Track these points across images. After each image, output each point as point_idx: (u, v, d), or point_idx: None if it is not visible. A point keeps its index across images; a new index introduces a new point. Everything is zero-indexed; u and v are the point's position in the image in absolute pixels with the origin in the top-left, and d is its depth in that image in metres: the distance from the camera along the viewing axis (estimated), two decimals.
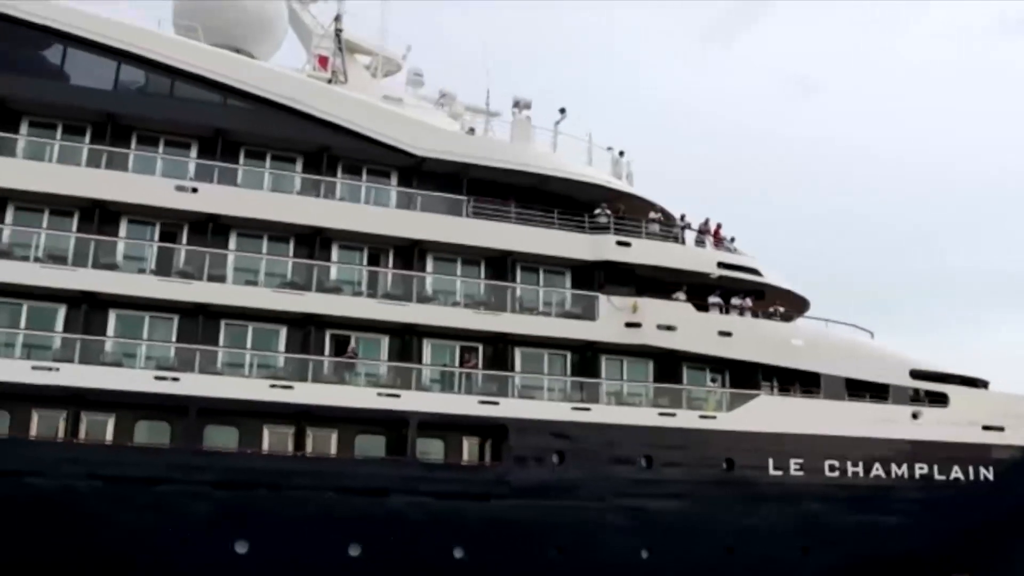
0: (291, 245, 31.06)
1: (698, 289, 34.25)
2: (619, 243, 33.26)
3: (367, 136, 31.82)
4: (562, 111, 34.81)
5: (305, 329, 30.16)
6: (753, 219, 70.28)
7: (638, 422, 31.60)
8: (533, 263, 33.17)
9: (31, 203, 29.13)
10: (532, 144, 34.44)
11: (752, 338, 33.97)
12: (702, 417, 32.46)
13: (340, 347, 30.55)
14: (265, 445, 28.87)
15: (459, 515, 29.05)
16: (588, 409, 31.30)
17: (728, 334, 33.58)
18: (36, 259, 28.46)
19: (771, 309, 35.82)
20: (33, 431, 27.41)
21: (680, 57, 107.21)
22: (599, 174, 35.05)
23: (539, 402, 31.35)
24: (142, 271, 29.39)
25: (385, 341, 31.12)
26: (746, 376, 34.01)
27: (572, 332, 32.34)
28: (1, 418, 27.20)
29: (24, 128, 30.06)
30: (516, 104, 34.90)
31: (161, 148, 30.97)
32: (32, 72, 30.28)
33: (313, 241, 30.85)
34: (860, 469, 33.51)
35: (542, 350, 32.61)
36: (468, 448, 30.83)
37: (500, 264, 32.62)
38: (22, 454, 26.58)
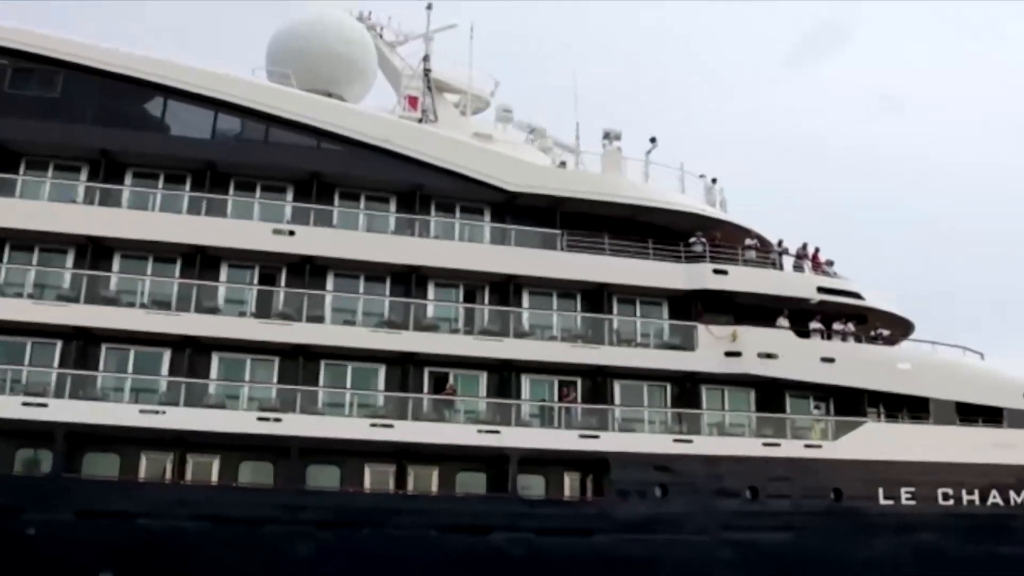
0: (387, 284, 31.34)
1: (798, 315, 33.55)
2: (716, 271, 32.80)
3: (460, 173, 32.03)
4: (652, 140, 34.63)
5: (403, 367, 30.29)
6: (850, 239, 68.77)
7: (742, 453, 30.96)
8: (629, 294, 32.82)
9: (136, 251, 30.00)
10: (624, 175, 34.27)
11: (856, 363, 33.11)
12: (807, 446, 31.67)
13: (439, 384, 30.62)
14: (367, 483, 29.05)
15: (562, 551, 28.71)
16: (690, 441, 30.80)
17: (831, 360, 32.79)
18: (142, 305, 29.31)
19: (874, 333, 34.93)
20: (142, 473, 28.07)
21: (766, 76, 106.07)
22: (693, 202, 34.73)
23: (640, 435, 31.03)
24: (243, 314, 29.91)
25: (483, 377, 31.11)
26: (851, 403, 33.14)
27: (671, 363, 31.96)
28: (111, 461, 27.93)
29: (128, 179, 31.05)
30: (606, 135, 34.83)
31: (258, 193, 31.65)
32: (135, 125, 31.39)
33: (409, 279, 31.05)
34: (976, 497, 32.34)
35: (641, 382, 32.24)
36: (569, 483, 30.58)
37: (596, 297, 32.39)
38: (132, 496, 27.18)
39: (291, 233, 30.17)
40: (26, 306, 28.45)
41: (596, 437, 30.07)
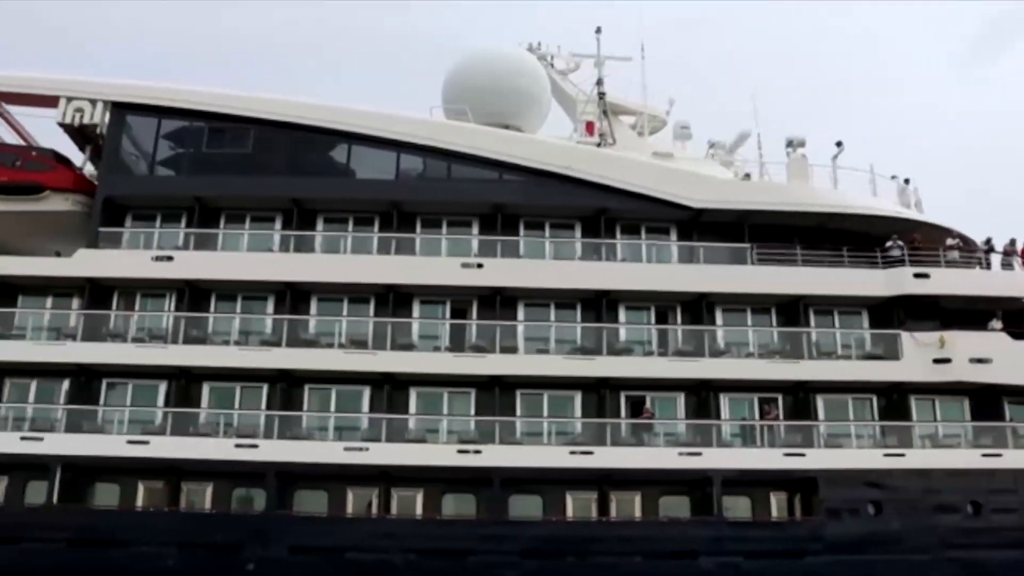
0: (578, 310, 31.22)
1: (1012, 316, 31.51)
2: (917, 275, 31.20)
3: (643, 194, 31.70)
4: (839, 144, 33.40)
5: (599, 392, 30.05)
6: None
7: (960, 465, 29.16)
8: (826, 305, 31.65)
9: (332, 293, 31.01)
10: (811, 182, 33.16)
11: None
12: None
13: (636, 408, 30.21)
14: (569, 511, 28.84)
15: (772, 575, 27.74)
16: (902, 455, 29.25)
17: None
18: (340, 345, 30.14)
19: None
20: (349, 509, 28.80)
21: (939, 76, 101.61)
22: (887, 205, 33.23)
23: (849, 451, 29.66)
24: (437, 349, 30.43)
25: (681, 399, 30.49)
26: None
27: (876, 374, 30.51)
28: (320, 497, 28.74)
29: (320, 224, 32.17)
30: (789, 143, 33.77)
31: (444, 228, 32.24)
32: (323, 172, 32.63)
33: (599, 304, 30.88)
34: None
35: (845, 395, 30.89)
36: (776, 503, 29.49)
37: (792, 310, 31.37)
38: (342, 531, 27.91)
39: (479, 266, 30.53)
40: (233, 352, 29.81)
41: (802, 455, 28.97)
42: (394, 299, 30.66)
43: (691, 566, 27.50)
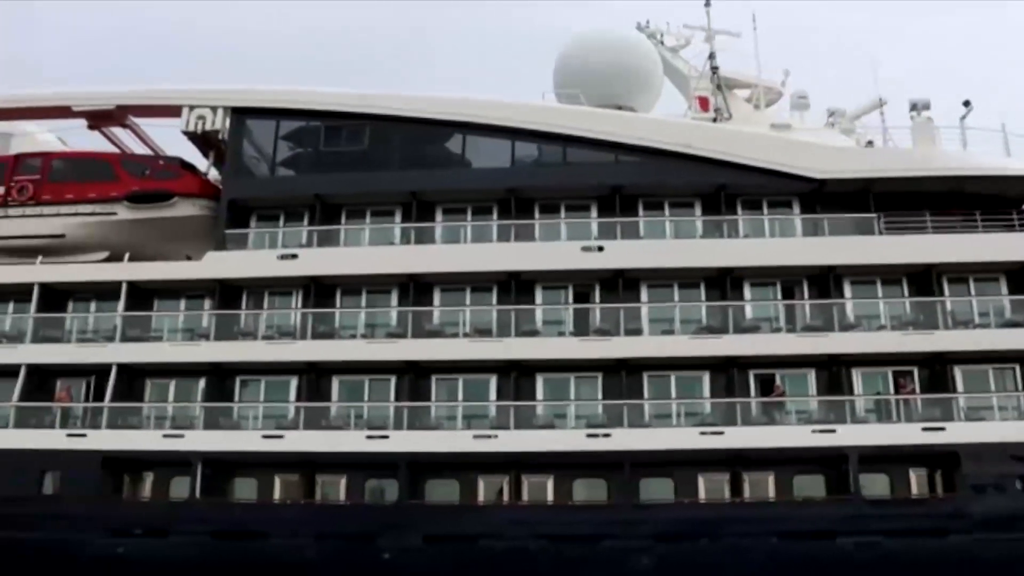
0: (702, 289, 30.81)
1: None
2: None
3: (763, 168, 30.96)
4: (966, 104, 31.89)
5: (727, 372, 29.58)
6: None
7: None
8: (961, 273, 30.43)
9: (454, 283, 31.26)
10: (939, 146, 31.97)
11: None
12: None
13: (765, 386, 29.62)
14: (701, 493, 28.49)
15: (914, 554, 26.69)
16: None
17: None
18: (465, 335, 30.35)
19: None
20: (480, 497, 28.99)
21: None
22: (1022, 165, 31.80)
23: (992, 423, 28.40)
24: (561, 334, 30.39)
25: (811, 375, 29.74)
26: None
27: (1018, 342, 29.18)
28: (451, 486, 29.05)
29: (439, 215, 32.45)
30: (913, 106, 32.49)
31: (563, 213, 32.14)
32: (439, 164, 32.91)
33: (723, 282, 30.37)
34: None
35: (985, 366, 29.60)
36: (916, 480, 28.50)
37: (924, 279, 30.26)
38: (474, 519, 28.16)
39: (600, 249, 30.33)
40: (360, 346, 30.32)
41: (942, 429, 27.92)
42: (516, 286, 30.74)
43: (829, 547, 26.78)
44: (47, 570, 28.10)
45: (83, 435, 30.00)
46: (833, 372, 29.54)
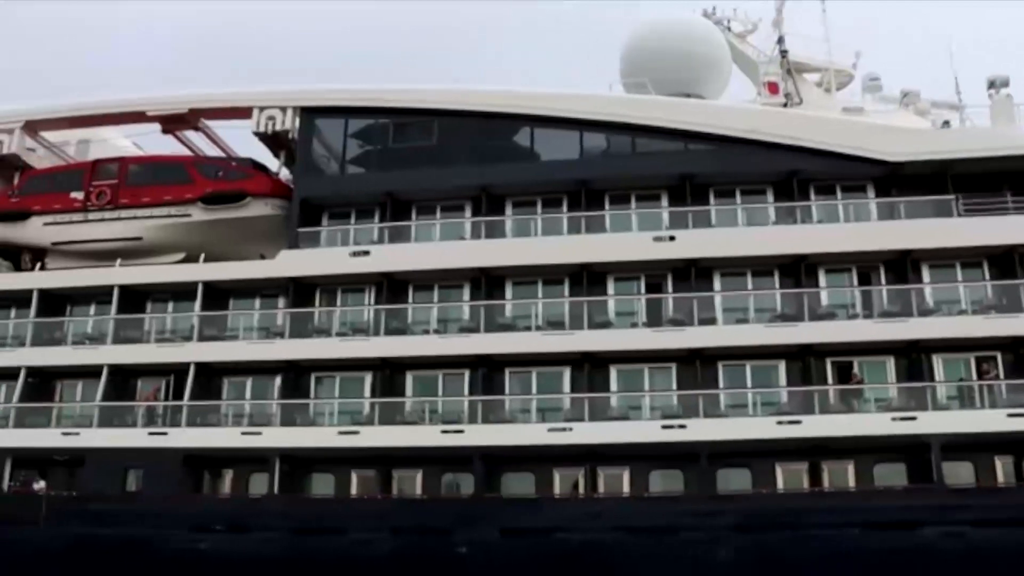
0: (776, 277, 30.36)
1: None
2: None
3: (836, 152, 30.35)
4: None
5: (804, 360, 29.14)
6: None
7: None
8: None
9: (525, 276, 31.25)
10: (1019, 124, 31.09)
11: None
12: None
13: (843, 374, 29.13)
14: (780, 484, 28.16)
15: (1001, 545, 25.84)
16: None
17: None
18: (537, 328, 30.33)
19: None
20: (556, 489, 28.98)
21: None
22: None
23: None
24: (634, 325, 30.17)
25: (890, 362, 29.14)
26: None
27: None
28: (526, 479, 29.13)
29: (508, 209, 32.42)
30: (991, 84, 31.60)
31: (633, 203, 31.92)
32: (508, 157, 32.88)
33: (798, 269, 29.88)
34: None
35: None
36: (1001, 467, 27.78)
37: (1005, 261, 29.40)
38: (550, 512, 28.11)
39: (671, 239, 30.06)
40: (433, 341, 30.52)
41: None
42: (588, 278, 30.56)
43: (913, 537, 26.07)
44: (133, 565, 28.68)
45: (164, 433, 30.62)
46: (913, 359, 28.92)
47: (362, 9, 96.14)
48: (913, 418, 27.40)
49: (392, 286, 31.72)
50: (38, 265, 34.92)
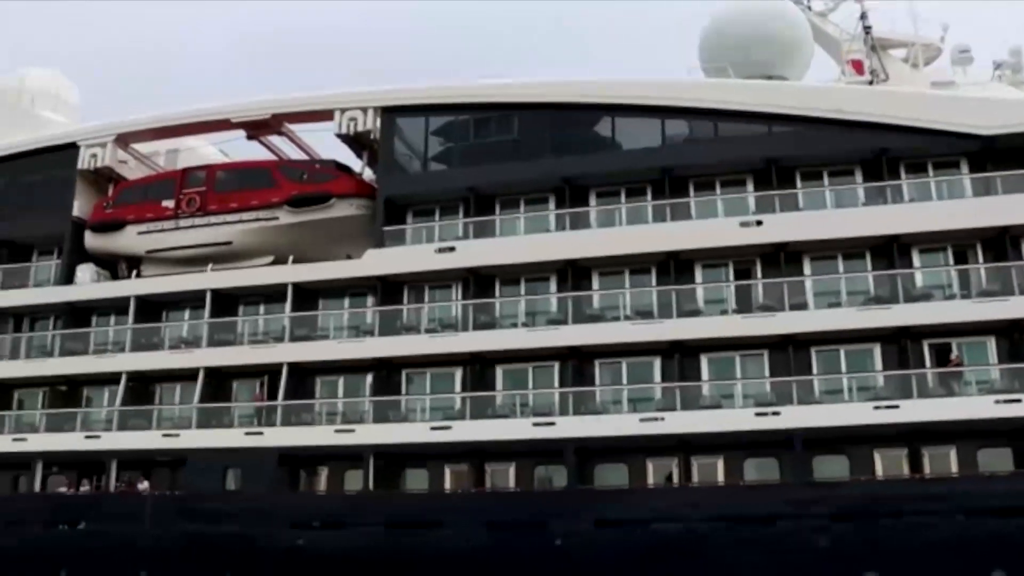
0: (867, 259, 29.66)
1: None
2: None
3: (926, 128, 29.39)
4: None
5: (900, 343, 28.40)
6: None
7: None
8: None
9: (612, 266, 31.05)
10: None
11: None
12: None
13: (941, 357, 28.30)
14: (879, 470, 27.57)
15: None
16: None
17: None
18: (626, 317, 30.11)
19: None
20: (650, 480, 28.87)
21: None
22: None
23: None
24: (724, 312, 29.78)
25: (991, 343, 28.18)
26: None
27: None
28: (620, 470, 29.07)
29: (592, 200, 32.26)
30: None
31: (718, 189, 31.50)
32: (589, 148, 32.65)
33: (890, 250, 29.09)
34: None
35: None
36: None
37: None
38: (645, 502, 28.03)
39: (759, 223, 29.57)
40: (522, 334, 30.56)
41: None
42: (675, 266, 30.28)
43: (1021, 524, 25.23)
44: (234, 561, 29.35)
45: (260, 433, 31.22)
46: (1015, 339, 27.93)
47: (432, 9, 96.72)
48: (1018, 400, 26.51)
49: (479, 281, 31.84)
50: (134, 273, 35.85)
